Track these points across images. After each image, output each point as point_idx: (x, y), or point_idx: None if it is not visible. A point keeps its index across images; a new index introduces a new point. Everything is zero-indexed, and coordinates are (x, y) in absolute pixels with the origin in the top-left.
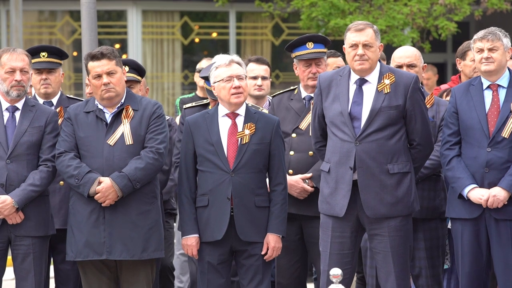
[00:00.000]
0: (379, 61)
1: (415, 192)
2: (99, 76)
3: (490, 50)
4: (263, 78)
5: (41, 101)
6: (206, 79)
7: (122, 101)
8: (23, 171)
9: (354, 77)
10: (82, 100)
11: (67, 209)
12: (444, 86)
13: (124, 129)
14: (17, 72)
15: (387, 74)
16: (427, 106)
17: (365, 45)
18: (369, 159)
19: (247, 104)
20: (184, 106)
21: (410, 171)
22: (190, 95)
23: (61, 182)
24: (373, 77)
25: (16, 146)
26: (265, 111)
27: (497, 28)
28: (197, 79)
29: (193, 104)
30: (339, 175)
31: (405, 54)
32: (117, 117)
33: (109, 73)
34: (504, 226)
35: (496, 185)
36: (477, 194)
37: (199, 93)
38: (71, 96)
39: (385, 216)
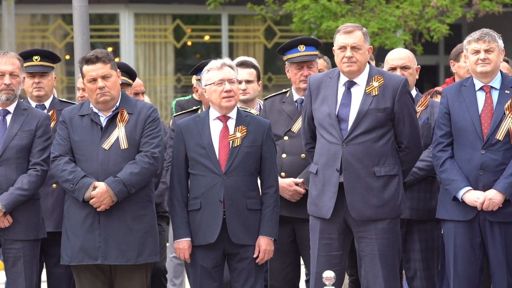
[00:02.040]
0: (369, 63)
1: (403, 195)
2: (94, 80)
3: (486, 51)
4: (248, 81)
5: (33, 104)
6: None
7: (117, 104)
8: (12, 175)
9: (343, 79)
10: (75, 104)
11: (60, 212)
12: (438, 89)
13: (119, 133)
14: (6, 76)
15: (376, 76)
16: (422, 107)
17: (353, 47)
18: (355, 161)
19: (238, 107)
20: (173, 115)
21: (397, 174)
22: (187, 98)
23: (54, 185)
24: (361, 79)
25: (5, 149)
26: (254, 111)
27: (489, 29)
28: (194, 81)
29: (183, 111)
30: (326, 177)
31: (399, 56)
32: (112, 120)
33: (104, 77)
34: (498, 229)
35: (490, 188)
36: (472, 196)
37: (195, 95)
38: (64, 99)
39: (371, 219)
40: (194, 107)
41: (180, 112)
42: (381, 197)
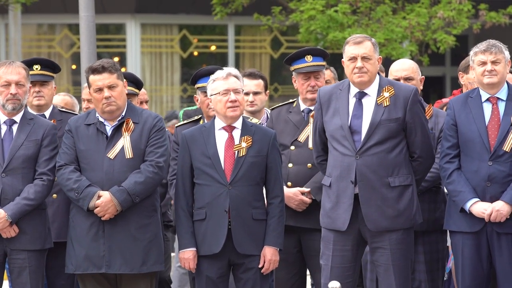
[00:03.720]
0: (378, 73)
1: (418, 205)
2: (100, 89)
3: (493, 62)
4: (255, 93)
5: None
6: None
7: (123, 114)
8: (19, 184)
9: (354, 90)
10: (74, 113)
11: (60, 222)
12: (446, 100)
13: (125, 142)
14: (12, 86)
15: (387, 87)
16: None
17: (363, 58)
18: (370, 172)
19: (243, 117)
20: (176, 125)
21: (411, 184)
22: (194, 107)
23: (54, 195)
24: (372, 90)
25: (11, 159)
26: (256, 120)
27: (495, 40)
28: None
29: (185, 121)
30: (340, 189)
31: (402, 67)
32: (117, 130)
33: (110, 87)
34: (505, 240)
35: (498, 199)
36: (479, 208)
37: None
38: (63, 109)
39: (387, 229)
40: (196, 117)
41: (183, 122)
42: (396, 208)
